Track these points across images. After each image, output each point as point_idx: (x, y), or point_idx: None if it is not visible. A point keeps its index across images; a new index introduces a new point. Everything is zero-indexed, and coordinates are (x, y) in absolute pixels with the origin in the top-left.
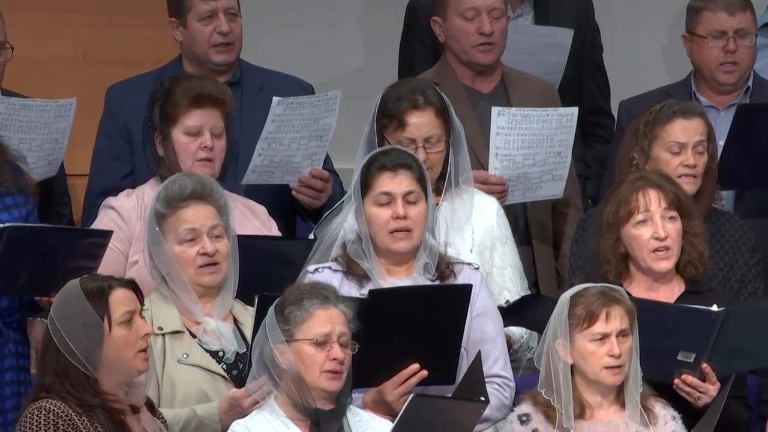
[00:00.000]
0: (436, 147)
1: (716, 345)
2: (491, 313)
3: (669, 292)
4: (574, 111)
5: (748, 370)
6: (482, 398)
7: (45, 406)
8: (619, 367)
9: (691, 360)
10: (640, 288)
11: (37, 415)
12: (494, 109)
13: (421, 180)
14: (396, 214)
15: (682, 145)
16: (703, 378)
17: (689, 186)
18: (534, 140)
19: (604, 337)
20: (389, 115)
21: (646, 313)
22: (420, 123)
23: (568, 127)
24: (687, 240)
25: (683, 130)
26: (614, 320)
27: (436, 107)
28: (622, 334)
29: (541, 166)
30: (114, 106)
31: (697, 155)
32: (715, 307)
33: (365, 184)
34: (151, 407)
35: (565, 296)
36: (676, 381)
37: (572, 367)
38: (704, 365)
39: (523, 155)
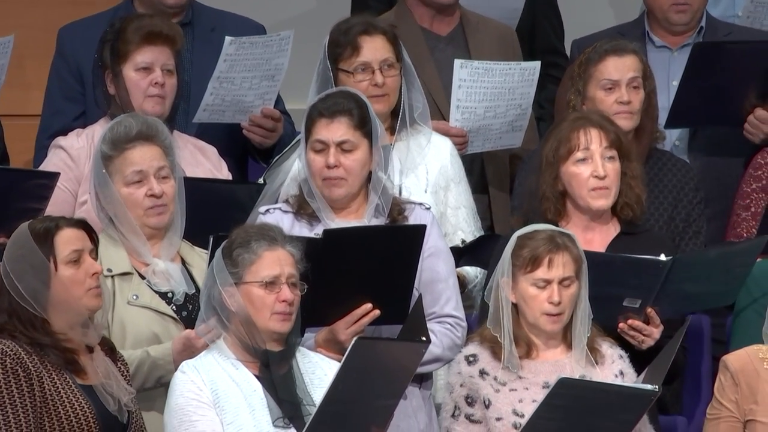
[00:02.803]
0: (391, 71)
1: (662, 290)
2: (443, 253)
3: (605, 233)
4: (536, 65)
5: (692, 312)
6: (423, 338)
7: None
8: (557, 315)
9: (637, 306)
10: (576, 227)
11: None
12: (457, 62)
13: (361, 125)
14: (327, 163)
15: (615, 83)
16: (647, 321)
17: (626, 122)
18: (496, 93)
19: (545, 282)
20: (342, 44)
21: (593, 264)
22: (374, 46)
23: (530, 81)
24: (625, 182)
25: (615, 68)
26: (557, 268)
27: (386, 34)
28: (564, 281)
29: (502, 118)
30: (66, 47)
31: (632, 91)
32: (663, 257)
33: (306, 129)
34: (112, 350)
35: (515, 235)
36: (621, 325)
37: (516, 305)
38: (649, 309)
39: (484, 108)
